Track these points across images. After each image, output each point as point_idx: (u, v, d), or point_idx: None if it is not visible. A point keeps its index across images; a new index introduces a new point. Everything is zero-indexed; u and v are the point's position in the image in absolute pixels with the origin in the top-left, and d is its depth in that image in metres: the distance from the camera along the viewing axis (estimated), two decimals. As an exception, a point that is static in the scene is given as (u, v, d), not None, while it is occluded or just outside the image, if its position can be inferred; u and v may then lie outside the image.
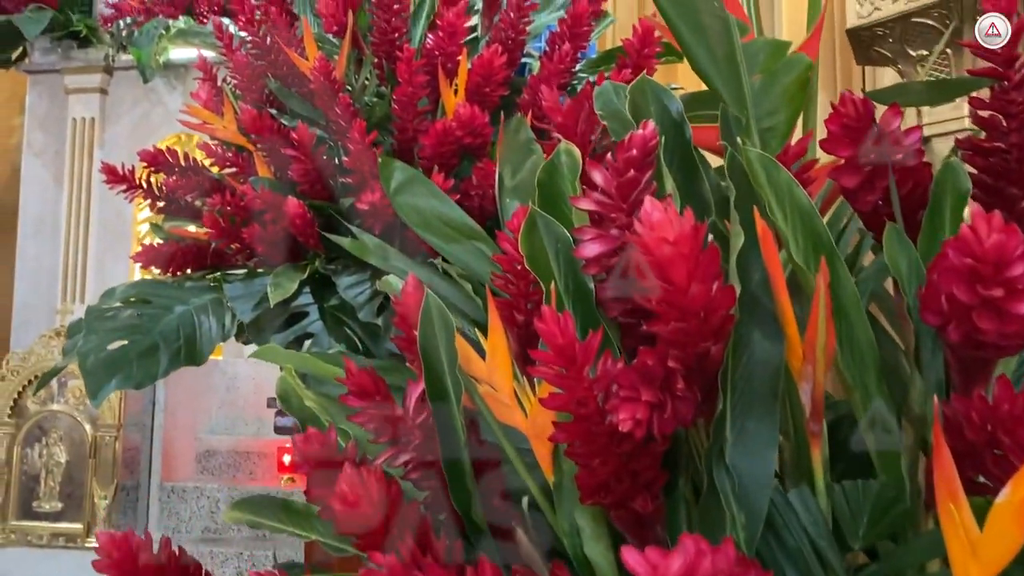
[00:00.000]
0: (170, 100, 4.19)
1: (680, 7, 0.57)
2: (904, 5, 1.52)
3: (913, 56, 1.55)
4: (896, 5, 1.53)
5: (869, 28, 1.59)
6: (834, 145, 0.56)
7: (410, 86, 1.44)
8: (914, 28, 1.53)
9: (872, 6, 1.55)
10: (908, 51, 1.56)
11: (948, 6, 1.48)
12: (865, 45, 1.66)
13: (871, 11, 1.55)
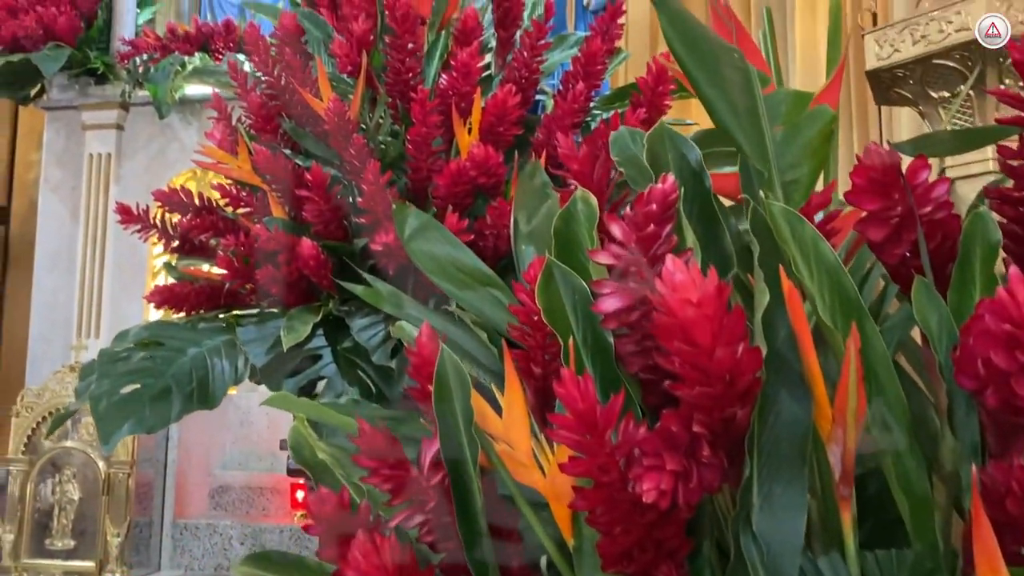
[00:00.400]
0: (185, 136, 4.23)
1: (700, 60, 0.56)
2: (924, 47, 1.50)
3: (935, 98, 1.53)
4: (916, 47, 1.51)
5: (889, 70, 1.57)
6: (859, 197, 0.55)
7: (424, 126, 1.44)
8: (935, 70, 1.51)
9: (892, 48, 1.53)
10: (929, 93, 1.54)
11: (969, 48, 1.46)
12: (884, 86, 1.64)
13: (891, 53, 1.54)
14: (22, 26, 4.06)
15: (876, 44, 1.57)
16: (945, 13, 1.50)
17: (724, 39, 0.58)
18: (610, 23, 1.63)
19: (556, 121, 1.47)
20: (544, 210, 0.92)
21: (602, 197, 0.78)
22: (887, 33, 1.56)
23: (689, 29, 0.55)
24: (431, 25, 1.79)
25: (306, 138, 1.63)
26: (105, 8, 4.38)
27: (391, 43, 1.56)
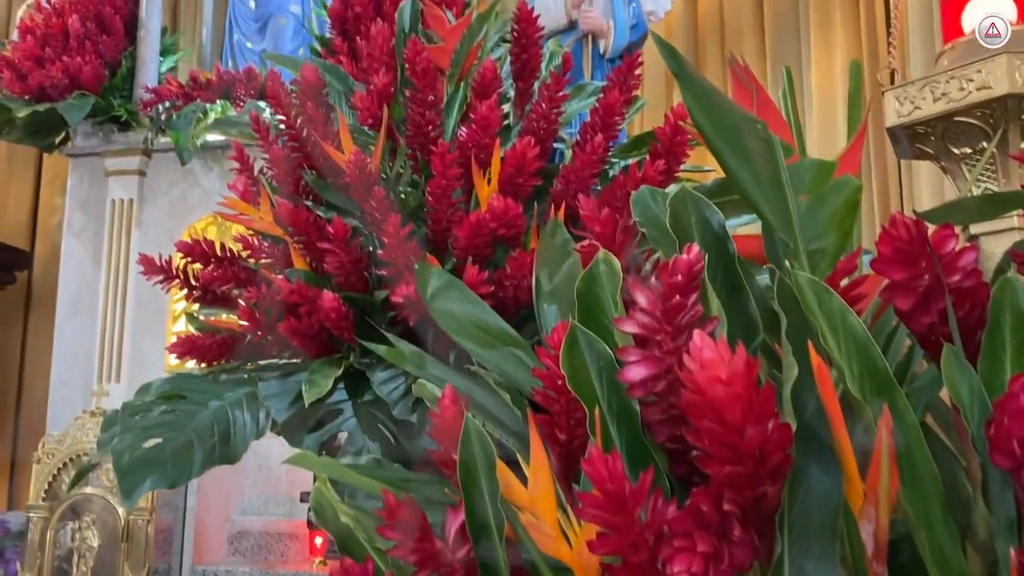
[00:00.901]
0: (206, 181, 4.29)
1: (723, 131, 0.56)
2: (945, 105, 1.50)
3: (957, 154, 1.53)
4: (937, 105, 1.51)
5: (910, 127, 1.57)
6: (886, 267, 0.55)
7: (444, 178, 1.45)
8: (956, 127, 1.50)
9: (912, 105, 1.53)
10: (951, 149, 1.53)
11: (991, 106, 1.46)
12: (905, 142, 1.63)
13: (911, 110, 1.54)
14: (48, 76, 4.15)
15: (896, 101, 1.57)
16: (965, 71, 1.50)
17: (746, 109, 0.58)
18: (627, 74, 1.65)
19: (575, 172, 1.48)
20: (566, 268, 0.92)
21: (624, 258, 0.78)
22: (907, 90, 1.56)
23: (710, 101, 0.56)
24: (450, 77, 1.82)
25: (327, 190, 1.65)
26: (129, 57, 4.47)
27: (411, 97, 1.58)
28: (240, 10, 4.71)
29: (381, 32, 1.84)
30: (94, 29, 4.35)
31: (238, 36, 4.71)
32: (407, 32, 1.92)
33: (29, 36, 4.41)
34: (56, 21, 4.41)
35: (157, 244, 4.33)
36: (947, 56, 1.67)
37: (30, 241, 5.78)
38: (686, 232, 0.69)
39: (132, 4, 4.56)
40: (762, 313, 0.65)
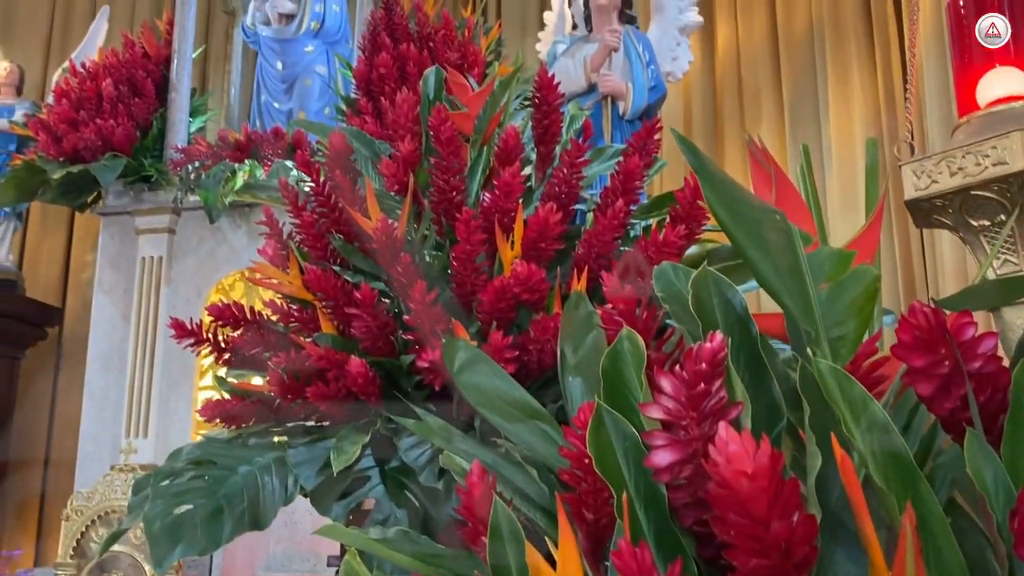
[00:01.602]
0: (234, 238, 4.36)
1: (742, 223, 0.58)
2: (962, 180, 1.51)
3: (975, 226, 1.54)
4: (954, 179, 1.52)
5: (928, 200, 1.58)
6: (906, 353, 0.56)
7: (468, 244, 1.48)
8: (974, 200, 1.51)
9: (929, 179, 1.55)
10: (970, 221, 1.54)
11: (1007, 181, 1.47)
12: (924, 213, 1.65)
13: (928, 184, 1.55)
14: (82, 138, 4.26)
15: (914, 175, 1.59)
16: (981, 147, 1.51)
17: (764, 200, 0.60)
18: (646, 139, 1.68)
19: (597, 236, 1.50)
20: (590, 341, 0.93)
21: (647, 336, 0.79)
22: (924, 165, 1.58)
23: (730, 194, 0.57)
24: (473, 142, 1.85)
25: (355, 255, 1.68)
26: (160, 118, 4.58)
27: (436, 164, 1.62)
28: (267, 71, 4.83)
29: (407, 100, 1.88)
30: (127, 92, 4.48)
31: (265, 97, 4.82)
32: (432, 100, 1.96)
33: (64, 99, 4.54)
34: (90, 85, 4.54)
35: (185, 300, 4.40)
36: (963, 130, 1.69)
37: (61, 297, 5.88)
38: (709, 314, 0.70)
39: (163, 67, 4.69)
40: (785, 391, 0.66)
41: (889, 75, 3.89)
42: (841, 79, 4.01)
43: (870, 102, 3.93)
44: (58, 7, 6.13)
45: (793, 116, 4.20)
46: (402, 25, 4.26)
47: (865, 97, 3.93)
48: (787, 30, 4.34)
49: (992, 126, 1.62)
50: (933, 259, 3.48)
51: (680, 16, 3.39)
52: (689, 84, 4.36)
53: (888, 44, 3.89)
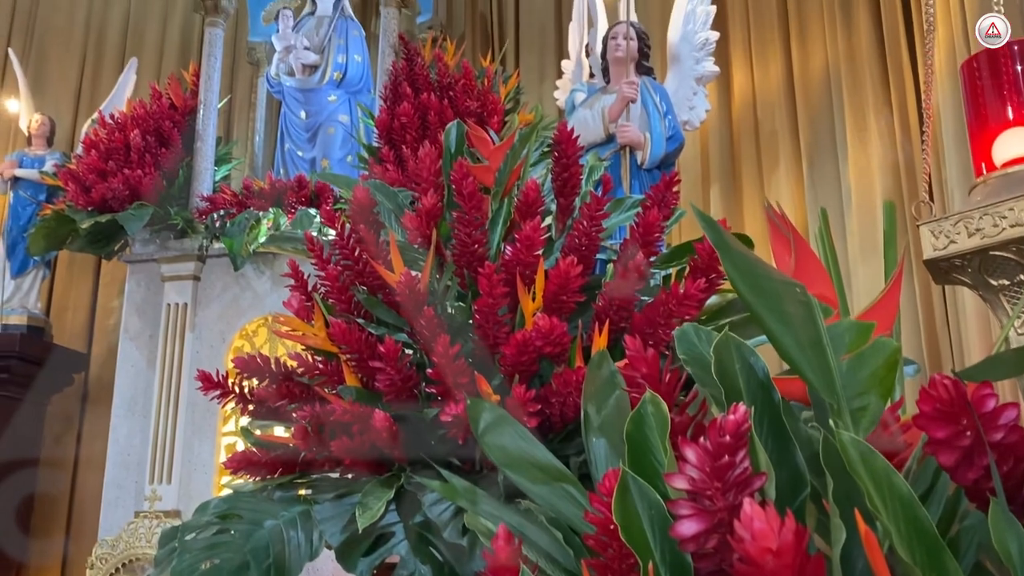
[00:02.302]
0: (258, 284, 4.41)
1: (764, 297, 0.59)
2: (980, 240, 1.52)
3: (995, 285, 1.54)
4: (972, 240, 1.53)
5: (947, 259, 1.59)
6: (928, 424, 0.57)
7: (491, 298, 1.50)
8: (992, 260, 1.52)
9: (948, 239, 1.56)
10: (989, 281, 1.54)
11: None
12: (943, 272, 1.65)
13: (947, 244, 1.56)
14: (110, 188, 4.35)
15: (932, 235, 1.60)
16: (998, 208, 1.52)
17: (784, 273, 0.62)
18: (665, 192, 1.70)
19: (616, 290, 1.52)
20: (613, 401, 0.94)
21: (670, 400, 0.80)
22: (942, 225, 1.59)
23: (750, 268, 0.59)
24: (494, 195, 1.88)
25: (378, 307, 1.70)
26: (186, 167, 4.67)
27: (458, 218, 1.64)
28: (291, 120, 4.93)
29: (429, 154, 1.91)
30: (154, 142, 4.58)
31: (289, 145, 4.91)
32: (453, 153, 2.00)
33: (93, 150, 4.64)
34: (118, 135, 4.65)
35: (210, 346, 4.44)
36: (980, 190, 1.70)
37: (87, 342, 5.95)
38: (731, 379, 0.71)
39: (189, 117, 4.80)
40: (808, 456, 0.67)
41: (906, 118, 3.90)
42: (858, 123, 4.03)
43: (887, 145, 3.94)
44: (88, 60, 6.30)
45: (811, 160, 4.21)
46: (423, 75, 4.36)
47: (882, 140, 3.94)
48: (803, 75, 4.37)
49: (1009, 187, 1.63)
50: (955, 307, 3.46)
51: (696, 66, 3.44)
52: (706, 129, 4.39)
53: (904, 89, 3.91)
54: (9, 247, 5.26)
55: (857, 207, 3.94)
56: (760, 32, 4.60)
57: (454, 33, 5.62)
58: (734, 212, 4.59)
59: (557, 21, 5.56)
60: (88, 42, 6.31)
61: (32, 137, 5.50)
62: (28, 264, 5.27)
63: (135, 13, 6.35)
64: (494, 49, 5.55)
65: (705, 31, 3.45)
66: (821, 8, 4.34)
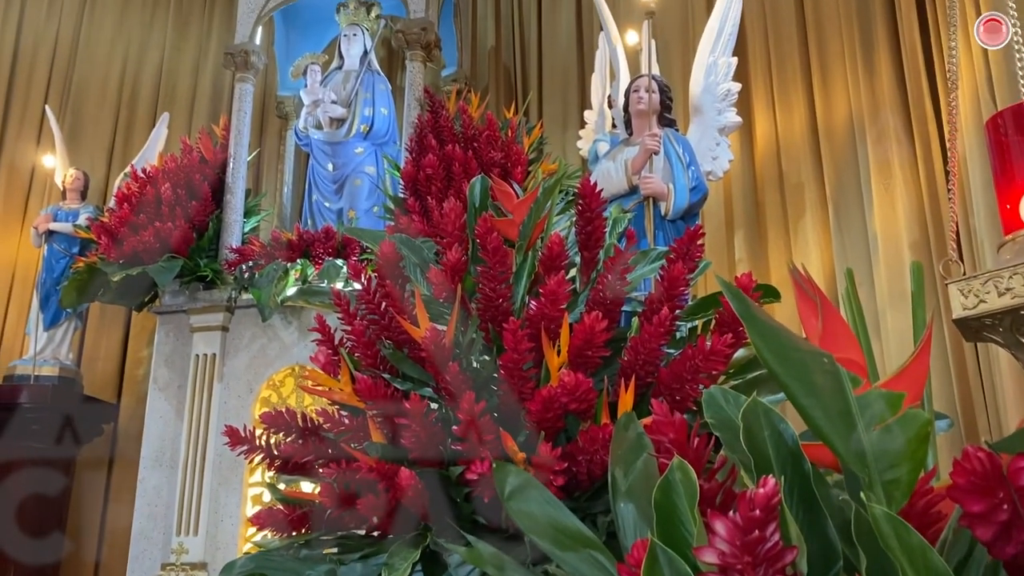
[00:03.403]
0: (285, 334, 4.45)
1: (791, 369, 0.59)
2: (1010, 299, 1.50)
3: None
4: (1003, 299, 1.51)
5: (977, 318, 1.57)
6: (962, 498, 0.55)
7: (516, 353, 1.50)
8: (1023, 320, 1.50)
9: (977, 299, 1.54)
10: (1021, 340, 1.52)
11: None
12: (973, 331, 1.62)
13: (976, 303, 1.54)
14: (142, 241, 4.43)
15: (961, 294, 1.58)
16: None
17: (811, 343, 0.61)
18: (690, 245, 1.70)
19: (643, 344, 1.51)
20: (640, 465, 0.93)
21: (698, 466, 0.79)
22: (971, 284, 1.57)
23: (777, 340, 0.59)
24: (518, 248, 1.89)
25: (404, 362, 1.71)
26: (215, 219, 4.74)
27: (483, 273, 1.65)
28: (319, 172, 5.01)
29: (454, 209, 1.93)
30: (184, 195, 4.66)
31: (317, 196, 4.98)
32: (477, 207, 2.02)
33: (125, 203, 4.73)
34: (150, 189, 4.74)
35: (237, 396, 4.46)
36: (1008, 248, 1.68)
37: (117, 392, 6.01)
38: (760, 446, 0.70)
39: (219, 170, 4.89)
40: (839, 525, 0.66)
41: (931, 164, 3.88)
42: (883, 170, 4.02)
43: (913, 192, 3.92)
44: (121, 114, 6.46)
45: (836, 207, 4.19)
46: (448, 127, 4.42)
47: (908, 189, 3.92)
48: (827, 124, 4.38)
49: (1040, 245, 1.60)
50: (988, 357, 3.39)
51: (719, 117, 3.46)
52: (730, 177, 4.40)
53: (928, 140, 3.89)
54: (43, 299, 5.35)
55: (884, 254, 3.91)
56: (782, 81, 4.63)
57: (478, 85, 5.71)
58: (759, 259, 4.56)
59: (579, 72, 5.63)
60: (122, 97, 6.48)
61: (67, 191, 5.62)
62: (61, 316, 5.36)
63: (167, 68, 6.52)
64: (517, 100, 5.63)
65: (727, 82, 3.47)
66: (843, 56, 4.36)
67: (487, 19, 6.02)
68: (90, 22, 6.55)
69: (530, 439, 1.50)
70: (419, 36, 4.69)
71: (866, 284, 3.93)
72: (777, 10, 4.76)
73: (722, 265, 4.60)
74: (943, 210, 3.62)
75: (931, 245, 3.74)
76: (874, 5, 4.30)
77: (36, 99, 6.31)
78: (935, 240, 3.73)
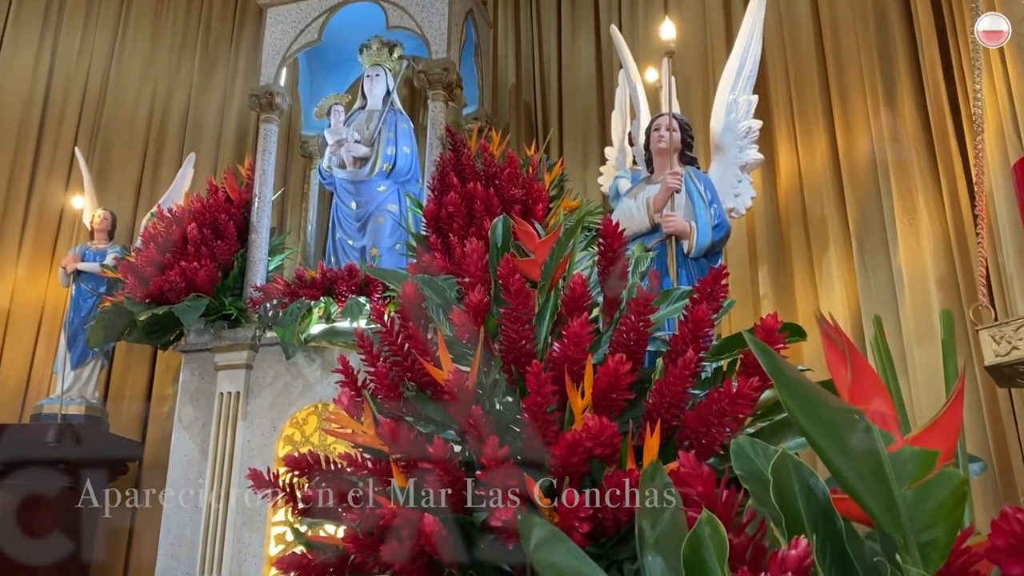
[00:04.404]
0: (309, 372, 4.46)
1: (822, 427, 0.58)
2: None
3: None
4: None
5: (1010, 365, 1.55)
6: (1001, 560, 0.54)
7: (539, 396, 1.49)
8: None
9: (1010, 345, 1.52)
10: None
11: None
12: (1006, 377, 1.61)
13: (1009, 350, 1.52)
14: (168, 281, 4.47)
15: (993, 341, 1.56)
16: None
17: (842, 400, 0.60)
18: (714, 285, 1.69)
19: (668, 387, 1.50)
20: (668, 516, 0.92)
21: (728, 520, 0.78)
22: (1003, 330, 1.56)
23: (808, 398, 0.58)
24: (541, 288, 1.89)
25: (427, 405, 1.70)
26: (240, 258, 4.79)
27: (506, 314, 1.65)
28: (342, 210, 5.05)
29: (476, 250, 1.93)
30: (210, 235, 4.71)
31: (340, 234, 5.02)
32: (499, 248, 2.02)
33: (152, 243, 4.79)
34: (176, 229, 4.80)
35: (261, 435, 4.47)
36: None
37: (142, 430, 6.04)
38: (791, 502, 0.69)
39: (244, 210, 4.94)
40: (873, 582, 0.64)
41: (956, 202, 3.84)
42: (907, 205, 3.99)
43: (939, 228, 3.88)
44: (149, 155, 6.56)
45: (860, 242, 4.16)
46: (469, 165, 4.45)
47: (933, 224, 3.89)
48: (849, 159, 4.36)
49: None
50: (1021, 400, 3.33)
51: (740, 155, 3.46)
52: (753, 213, 4.38)
53: (954, 176, 3.86)
54: (70, 338, 5.41)
55: (910, 289, 3.87)
56: (803, 115, 4.63)
57: (499, 123, 5.76)
58: (784, 293, 4.53)
59: (599, 108, 5.67)
60: (149, 137, 6.59)
61: (94, 231, 5.71)
62: (88, 355, 5.41)
63: (194, 109, 6.63)
64: (538, 137, 5.66)
65: (748, 120, 3.48)
66: (864, 91, 4.35)
67: (507, 58, 6.09)
68: (119, 64, 6.68)
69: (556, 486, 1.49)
70: (441, 76, 4.75)
71: (892, 319, 3.88)
72: (797, 45, 4.77)
73: (747, 301, 4.57)
74: (970, 245, 3.58)
75: (959, 280, 3.69)
76: (894, 40, 4.30)
77: (66, 141, 6.43)
78: (963, 275, 3.69)
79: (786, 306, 4.48)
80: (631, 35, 5.49)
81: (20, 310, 6.02)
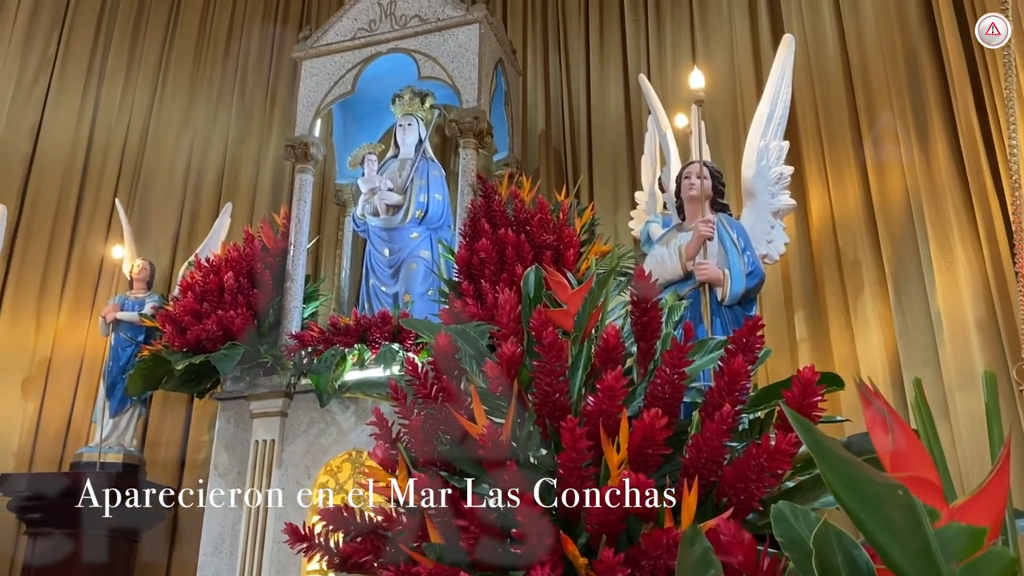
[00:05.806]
0: (342, 419, 4.47)
1: (865, 503, 0.57)
2: None
3: None
4: None
5: None
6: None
7: (574, 451, 1.48)
8: None
9: None
10: None
11: None
12: None
13: None
14: (205, 329, 4.53)
15: None
16: None
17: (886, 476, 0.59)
18: (749, 336, 1.67)
19: (705, 442, 1.48)
20: (708, 583, 0.90)
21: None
22: None
23: (849, 472, 0.57)
24: (574, 339, 1.89)
25: (462, 459, 1.70)
26: (276, 306, 4.84)
27: (539, 367, 1.65)
28: (375, 257, 5.10)
29: (508, 301, 1.94)
30: (246, 284, 4.77)
31: (373, 281, 5.06)
32: (532, 298, 2.02)
33: (189, 292, 4.86)
34: (213, 278, 4.87)
35: (295, 482, 4.47)
36: None
37: (178, 477, 6.07)
38: (833, 574, 0.68)
39: (279, 258, 5.01)
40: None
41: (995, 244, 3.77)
42: (944, 247, 3.93)
43: (977, 271, 3.82)
44: (186, 205, 6.69)
45: (896, 285, 4.11)
46: (500, 211, 4.48)
47: (970, 266, 3.82)
48: (882, 200, 4.33)
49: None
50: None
51: (772, 200, 3.45)
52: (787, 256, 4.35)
53: (990, 215, 3.80)
54: (109, 387, 5.48)
55: (949, 333, 3.79)
56: (835, 159, 4.61)
57: (529, 169, 5.80)
58: (820, 338, 4.48)
59: (629, 152, 5.69)
60: (187, 188, 6.72)
61: (133, 281, 5.81)
62: (126, 403, 5.47)
63: (231, 159, 6.77)
64: (568, 182, 5.69)
65: (779, 166, 3.47)
66: (895, 133, 4.33)
67: (537, 105, 6.15)
68: (158, 116, 6.86)
69: (591, 542, 1.47)
70: (472, 124, 4.81)
71: (931, 364, 3.81)
72: (826, 88, 4.77)
73: (783, 346, 4.52)
74: (1010, 286, 3.52)
75: (999, 324, 3.62)
76: (925, 81, 4.28)
77: (107, 192, 6.58)
78: (1003, 319, 3.61)
79: (822, 350, 4.42)
80: (659, 81, 5.53)
81: (61, 359, 6.12)
